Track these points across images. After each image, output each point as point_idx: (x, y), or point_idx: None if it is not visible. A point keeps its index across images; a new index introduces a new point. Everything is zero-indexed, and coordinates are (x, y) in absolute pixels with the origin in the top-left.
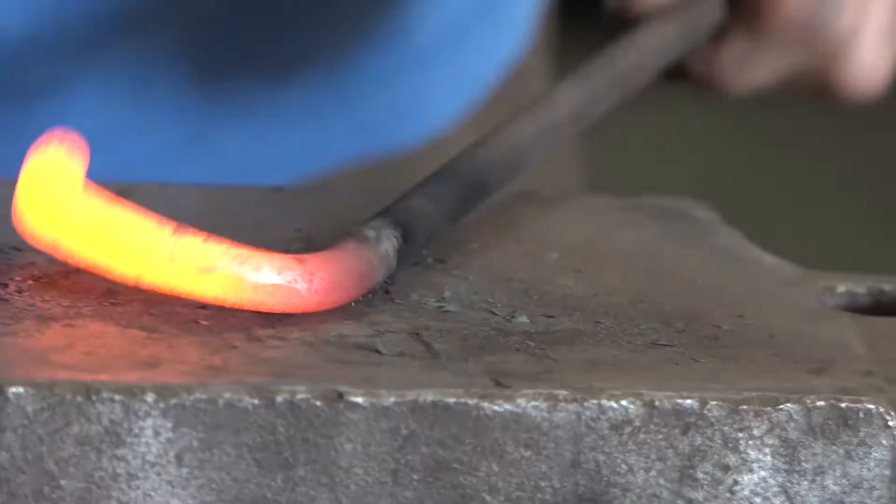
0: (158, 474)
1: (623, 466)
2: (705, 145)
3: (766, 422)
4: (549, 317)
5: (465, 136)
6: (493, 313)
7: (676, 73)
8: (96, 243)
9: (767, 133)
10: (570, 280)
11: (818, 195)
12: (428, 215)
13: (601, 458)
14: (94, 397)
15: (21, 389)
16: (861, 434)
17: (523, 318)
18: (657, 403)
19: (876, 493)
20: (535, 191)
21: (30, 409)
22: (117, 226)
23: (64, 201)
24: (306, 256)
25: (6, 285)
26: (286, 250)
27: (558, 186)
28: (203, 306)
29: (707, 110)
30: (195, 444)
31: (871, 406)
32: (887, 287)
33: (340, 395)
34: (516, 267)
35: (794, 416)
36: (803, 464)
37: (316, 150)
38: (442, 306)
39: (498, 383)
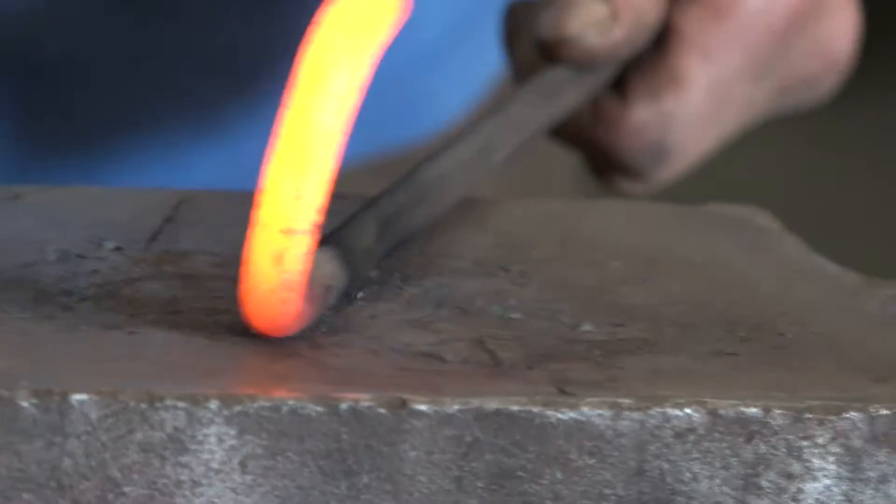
0: (223, 481)
1: (687, 474)
2: (765, 151)
3: (830, 430)
4: (614, 325)
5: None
6: (558, 321)
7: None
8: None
9: (828, 140)
10: (634, 289)
11: (880, 203)
12: (365, 261)
13: (665, 465)
14: (157, 404)
15: (85, 396)
16: None
17: (588, 327)
18: (721, 412)
19: None
20: (595, 198)
21: (93, 415)
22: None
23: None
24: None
25: (70, 293)
26: None
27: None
28: None
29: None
30: (259, 451)
31: None
32: None
33: (404, 403)
34: (580, 275)
35: (858, 425)
36: (867, 472)
37: None
38: (506, 314)
39: (562, 391)
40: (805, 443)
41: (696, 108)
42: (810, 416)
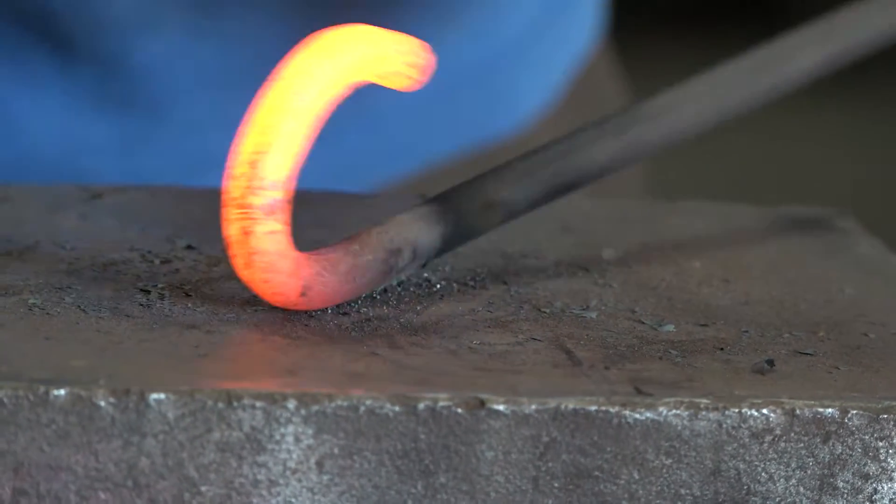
0: (299, 481)
1: (763, 475)
2: (845, 153)
3: None
4: (693, 325)
5: (550, 125)
6: (637, 322)
7: None
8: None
9: None
10: (714, 289)
11: None
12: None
13: (742, 466)
14: (235, 404)
15: (163, 396)
16: None
17: (669, 328)
18: (798, 412)
19: None
20: (672, 200)
21: (171, 415)
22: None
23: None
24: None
25: (148, 292)
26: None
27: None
28: (344, 313)
29: (840, 114)
30: (336, 450)
31: None
32: None
33: (482, 403)
34: (660, 276)
35: None
36: None
37: (417, 145)
38: (586, 314)
39: (639, 391)
40: (881, 443)
41: None
42: (887, 416)
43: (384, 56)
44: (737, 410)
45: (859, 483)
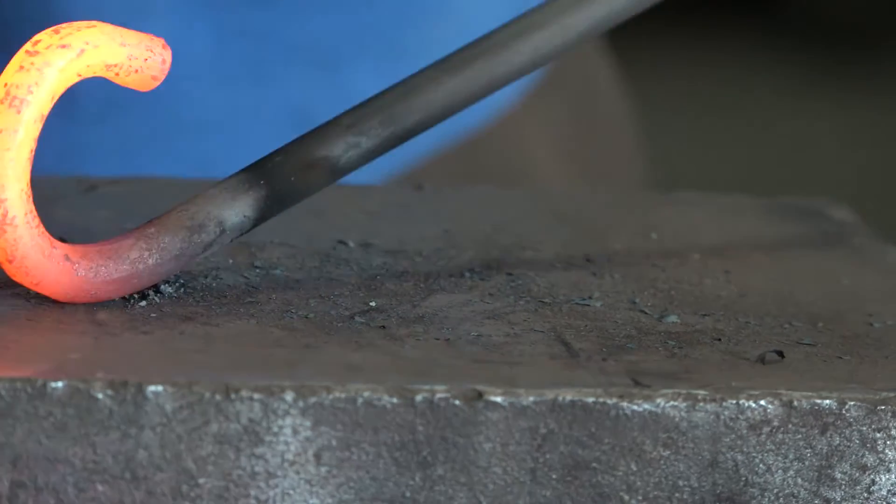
0: (297, 473)
1: (761, 466)
2: (842, 145)
3: None
4: (693, 316)
5: (525, 112)
6: (637, 312)
7: None
8: None
9: None
10: (714, 280)
11: None
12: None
13: (739, 457)
14: (233, 396)
15: (160, 388)
16: None
17: (672, 318)
18: (796, 403)
19: None
20: (672, 191)
21: (169, 407)
22: None
23: None
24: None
25: None
26: (423, 251)
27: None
28: (342, 306)
29: (833, 100)
30: (334, 442)
31: None
32: None
33: (480, 395)
34: (661, 266)
35: None
36: None
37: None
38: (586, 305)
39: (637, 383)
40: (879, 434)
41: None
42: (885, 407)
43: (114, 52)
44: (734, 402)
45: (857, 474)
